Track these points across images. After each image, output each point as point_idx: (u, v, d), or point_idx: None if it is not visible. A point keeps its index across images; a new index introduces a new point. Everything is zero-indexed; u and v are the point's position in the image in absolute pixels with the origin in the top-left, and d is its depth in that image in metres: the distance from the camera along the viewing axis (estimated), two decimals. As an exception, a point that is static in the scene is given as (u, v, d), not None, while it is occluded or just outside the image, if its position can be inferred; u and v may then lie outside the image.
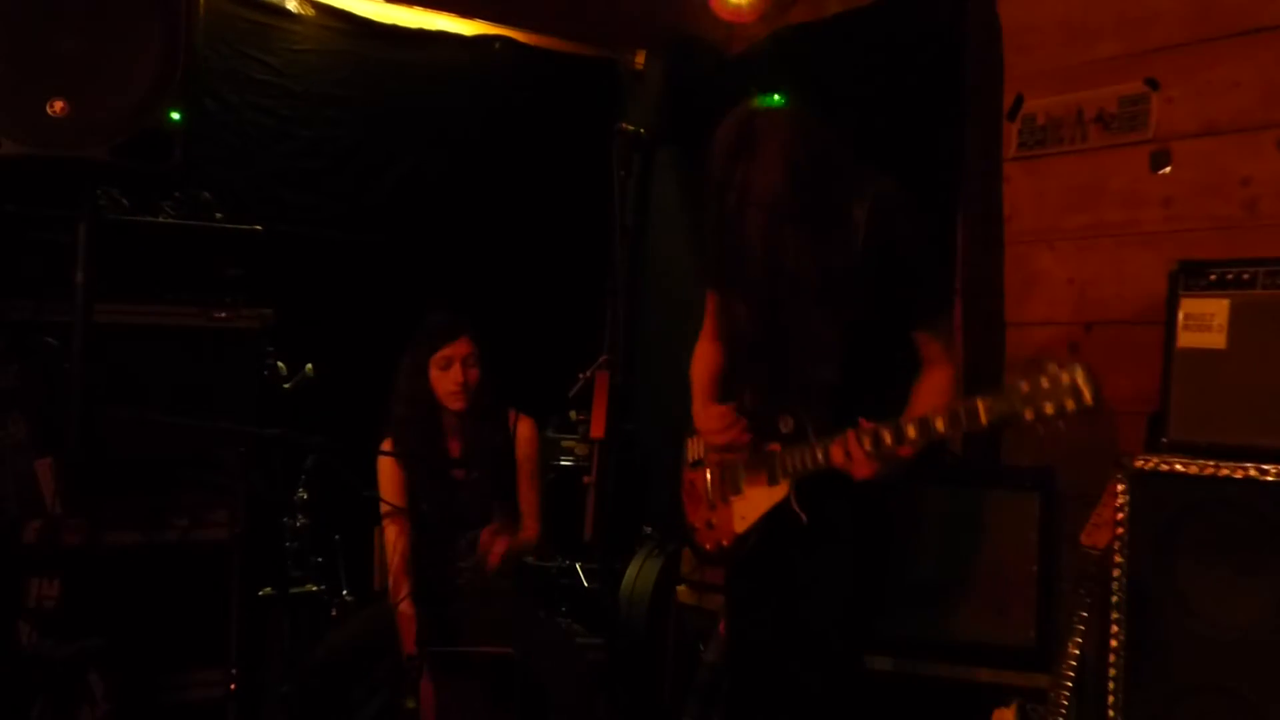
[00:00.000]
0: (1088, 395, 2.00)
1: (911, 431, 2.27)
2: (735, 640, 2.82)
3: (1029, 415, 2.06)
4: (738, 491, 2.63)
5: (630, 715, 3.84)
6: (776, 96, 2.49)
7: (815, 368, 2.46)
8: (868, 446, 2.31)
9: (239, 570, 2.85)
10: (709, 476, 2.72)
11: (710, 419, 2.63)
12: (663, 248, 4.76)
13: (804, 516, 2.47)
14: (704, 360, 2.78)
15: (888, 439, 2.29)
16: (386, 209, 4.49)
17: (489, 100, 4.70)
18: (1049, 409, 2.04)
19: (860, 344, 2.44)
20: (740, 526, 2.61)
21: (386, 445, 3.30)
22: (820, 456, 2.41)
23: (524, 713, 3.12)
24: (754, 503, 2.59)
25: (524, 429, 3.42)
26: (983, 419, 2.14)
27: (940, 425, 2.22)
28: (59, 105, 2.85)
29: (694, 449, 2.79)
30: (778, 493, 2.52)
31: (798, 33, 4.15)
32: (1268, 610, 2.37)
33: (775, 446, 2.53)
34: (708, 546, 2.71)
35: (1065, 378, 2.02)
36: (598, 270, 4.79)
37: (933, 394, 2.44)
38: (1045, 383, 2.04)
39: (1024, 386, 2.07)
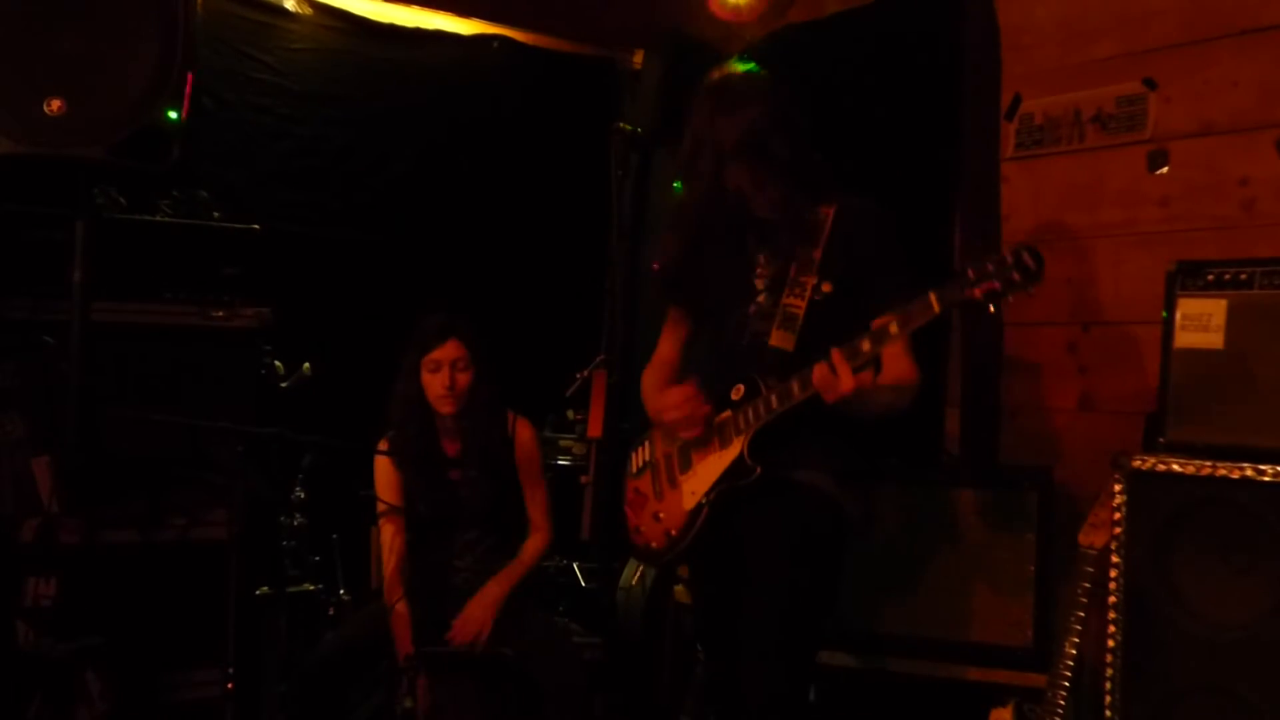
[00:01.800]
0: (1031, 262, 2.11)
1: (868, 343, 2.32)
2: (701, 627, 2.87)
3: (978, 294, 2.16)
4: (688, 468, 2.64)
5: (627, 715, 3.84)
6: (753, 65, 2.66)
7: (770, 333, 2.55)
8: (848, 357, 2.34)
9: (236, 569, 2.85)
10: (661, 463, 2.72)
11: (669, 396, 2.65)
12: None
13: (758, 469, 2.50)
14: (652, 375, 2.84)
15: (865, 346, 2.33)
16: (384, 208, 4.48)
17: (487, 99, 4.70)
18: (997, 285, 2.14)
19: (819, 318, 2.50)
20: (690, 503, 2.61)
21: (383, 445, 3.30)
22: (787, 393, 2.44)
23: (520, 712, 3.12)
24: (705, 473, 2.60)
25: (523, 432, 3.41)
26: (935, 307, 2.24)
27: (894, 328, 2.29)
28: (56, 104, 2.84)
29: (638, 458, 2.81)
30: (730, 453, 2.54)
31: (796, 32, 4.15)
32: (1264, 610, 2.37)
33: (726, 414, 2.56)
34: (653, 544, 2.69)
35: (1010, 256, 2.13)
36: (595, 269, 4.78)
37: (889, 366, 2.50)
38: (990, 266, 2.15)
39: (970, 273, 2.18)
